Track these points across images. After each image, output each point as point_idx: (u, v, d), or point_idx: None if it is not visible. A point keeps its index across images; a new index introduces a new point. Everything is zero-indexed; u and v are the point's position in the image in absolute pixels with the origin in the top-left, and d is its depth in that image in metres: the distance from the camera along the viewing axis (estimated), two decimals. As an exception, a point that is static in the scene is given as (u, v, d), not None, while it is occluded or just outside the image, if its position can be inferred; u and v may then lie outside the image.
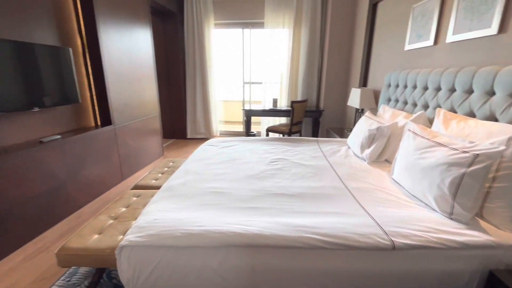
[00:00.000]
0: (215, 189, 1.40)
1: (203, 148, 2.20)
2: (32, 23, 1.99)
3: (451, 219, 1.12)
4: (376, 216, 1.14)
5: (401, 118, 1.87)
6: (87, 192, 2.38)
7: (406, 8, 2.31)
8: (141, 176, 3.04)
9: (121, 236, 1.24)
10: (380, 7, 2.87)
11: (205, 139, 4.77)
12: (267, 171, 1.67)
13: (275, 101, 4.21)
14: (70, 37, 2.35)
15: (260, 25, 4.37)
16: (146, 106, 3.34)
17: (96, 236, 1.28)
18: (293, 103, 3.49)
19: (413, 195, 1.35)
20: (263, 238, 0.98)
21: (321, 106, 4.15)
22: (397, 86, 2.27)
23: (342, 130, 3.60)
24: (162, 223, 1.06)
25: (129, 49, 2.91)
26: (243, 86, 4.80)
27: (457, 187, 1.08)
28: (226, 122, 5.62)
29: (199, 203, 1.25)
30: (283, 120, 4.54)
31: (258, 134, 4.86)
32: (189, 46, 4.36)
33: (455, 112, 1.58)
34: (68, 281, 1.46)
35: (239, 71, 4.78)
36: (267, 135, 3.95)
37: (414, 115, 1.75)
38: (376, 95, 2.92)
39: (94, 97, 2.60)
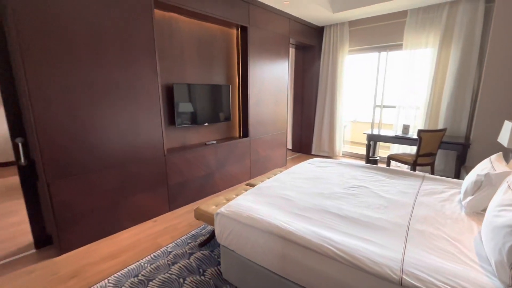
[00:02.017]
0: (285, 195, 1.84)
1: (301, 165, 2.65)
2: (214, 72, 3.27)
3: (511, 293, 0.96)
4: (409, 256, 1.17)
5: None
6: (226, 181, 3.45)
7: None
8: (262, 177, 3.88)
9: (221, 208, 1.97)
10: None
11: (327, 157, 5.08)
12: (338, 194, 1.89)
13: (405, 128, 3.87)
14: (232, 77, 3.54)
15: (398, 47, 4.17)
16: (276, 124, 4.19)
17: (213, 206, 2.09)
18: (420, 131, 3.15)
19: (482, 256, 1.16)
20: (292, 236, 1.34)
21: (472, 138, 3.37)
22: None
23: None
24: (240, 206, 1.66)
25: (268, 79, 3.85)
26: (374, 109, 4.69)
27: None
28: (353, 142, 5.61)
29: (268, 202, 1.75)
30: (415, 149, 4.03)
31: (384, 160, 4.56)
32: (323, 71, 4.87)
33: None
34: (199, 231, 2.39)
35: (371, 93, 4.72)
36: (388, 163, 3.72)
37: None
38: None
39: (240, 117, 3.70)
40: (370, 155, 4.21)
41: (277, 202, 1.75)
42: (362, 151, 5.17)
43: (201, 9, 2.75)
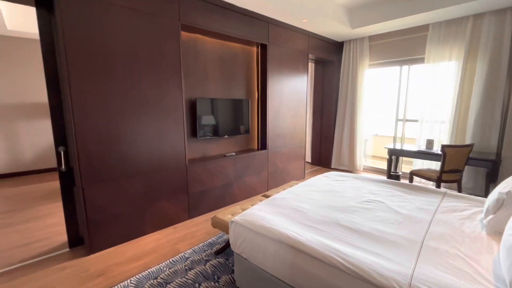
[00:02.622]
0: (298, 207, 1.88)
1: (318, 178, 2.67)
2: (235, 87, 3.45)
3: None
4: (419, 272, 1.16)
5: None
6: (244, 192, 3.54)
7: None
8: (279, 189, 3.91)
9: (236, 217, 2.06)
10: None
11: (348, 171, 5.00)
12: (352, 207, 1.90)
13: (429, 142, 3.75)
14: (251, 92, 3.70)
15: (420, 60, 4.11)
16: (295, 137, 4.25)
17: (229, 215, 2.18)
18: (444, 147, 3.05)
19: (499, 276, 1.12)
20: (301, 245, 1.39)
21: (503, 154, 3.18)
22: None
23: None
24: (253, 215, 1.74)
25: (287, 93, 3.96)
26: (396, 123, 4.59)
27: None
28: (375, 157, 5.47)
29: (281, 212, 1.81)
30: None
31: (407, 176, 4.40)
32: (343, 85, 4.89)
33: None
34: (216, 240, 2.48)
35: (392, 107, 4.64)
36: (411, 179, 3.59)
37: None
38: None
39: (259, 130, 3.82)
40: (392, 170, 4.10)
41: (290, 213, 1.80)
42: (384, 165, 5.02)
43: (223, 30, 2.97)
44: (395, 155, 4.03)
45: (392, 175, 4.05)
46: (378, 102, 5.14)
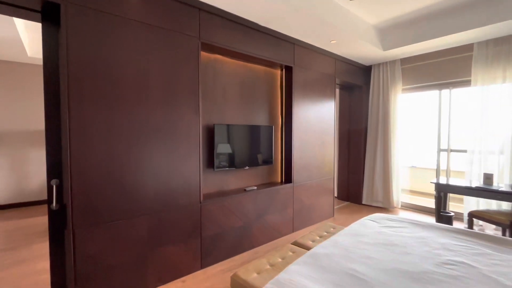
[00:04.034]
0: (356, 272, 1.34)
1: (362, 222, 2.12)
2: (256, 112, 3.09)
3: None
4: None
5: None
6: (265, 234, 2.99)
7: None
8: (307, 230, 3.33)
9: (268, 283, 1.52)
10: None
11: (383, 208, 4.35)
12: (432, 274, 1.33)
13: (488, 177, 3.12)
14: (274, 118, 3.32)
15: (463, 83, 3.65)
16: (322, 168, 3.75)
17: (255, 274, 1.65)
18: (517, 184, 2.44)
19: None
20: None
21: None
22: None
23: None
24: (293, 285, 1.21)
25: (314, 120, 3.55)
26: (438, 154, 4.01)
27: None
28: (412, 192, 4.79)
29: (332, 281, 1.27)
30: (503, 204, 3.20)
31: (460, 217, 3.70)
32: (373, 112, 4.45)
33: None
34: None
35: (432, 135, 4.11)
36: (470, 222, 2.94)
37: None
38: None
39: (283, 160, 3.36)
40: (441, 209, 3.44)
41: (345, 283, 1.26)
42: (425, 202, 4.34)
43: (246, 50, 2.69)
44: (444, 191, 3.40)
45: (442, 215, 3.38)
46: (415, 130, 4.61)
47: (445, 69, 3.79)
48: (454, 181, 3.38)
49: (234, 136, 2.78)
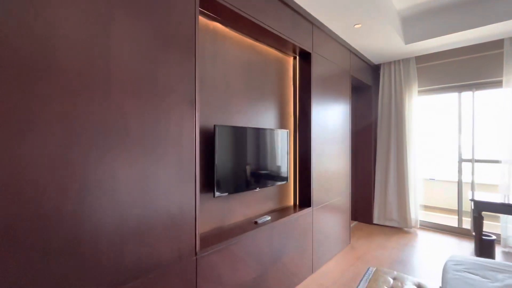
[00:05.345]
0: None
1: (454, 276, 1.36)
2: (266, 114, 2.25)
3: None
4: None
5: None
6: (282, 283, 2.10)
7: None
8: (328, 271, 2.50)
9: None
10: None
11: (398, 228, 3.72)
12: None
13: (535, 192, 2.63)
14: (287, 120, 2.51)
15: (490, 85, 3.24)
16: (341, 184, 3.01)
17: None
18: None
19: None
20: None
21: None
22: None
23: None
24: None
25: (331, 125, 2.82)
26: (460, 164, 3.53)
27: None
28: (428, 207, 4.28)
29: None
30: (554, 224, 2.72)
31: (503, 240, 3.17)
32: (383, 117, 3.88)
33: None
34: None
35: (451, 144, 3.64)
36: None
37: None
38: None
39: (297, 175, 2.54)
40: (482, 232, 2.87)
41: None
42: (444, 220, 3.80)
43: (260, 20, 1.87)
44: (481, 209, 2.85)
45: (483, 238, 2.81)
46: (432, 138, 4.14)
47: (467, 69, 3.35)
48: (486, 197, 2.85)
49: (241, 143, 1.90)
